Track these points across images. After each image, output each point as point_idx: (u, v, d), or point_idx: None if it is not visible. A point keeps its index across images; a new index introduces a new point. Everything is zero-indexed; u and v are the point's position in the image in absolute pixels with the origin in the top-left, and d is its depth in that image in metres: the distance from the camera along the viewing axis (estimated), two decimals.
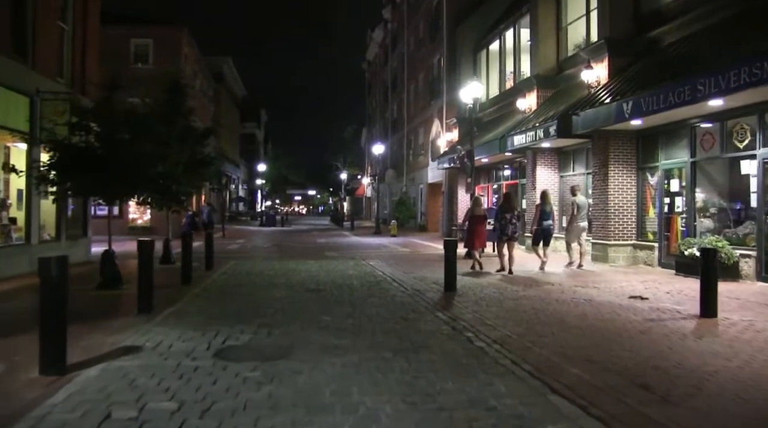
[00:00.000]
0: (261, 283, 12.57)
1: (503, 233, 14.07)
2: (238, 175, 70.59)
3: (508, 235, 14.02)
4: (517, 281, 12.64)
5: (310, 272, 14.80)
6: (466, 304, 9.53)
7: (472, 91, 18.37)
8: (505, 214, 14.14)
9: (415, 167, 40.86)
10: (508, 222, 14.04)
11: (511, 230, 14.03)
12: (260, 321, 8.16)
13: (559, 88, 19.82)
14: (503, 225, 14.07)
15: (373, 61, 64.45)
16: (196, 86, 38.82)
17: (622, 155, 15.73)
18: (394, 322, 8.19)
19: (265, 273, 14.67)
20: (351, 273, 14.61)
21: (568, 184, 19.75)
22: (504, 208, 14.35)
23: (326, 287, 11.99)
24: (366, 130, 72.46)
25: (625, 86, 14.33)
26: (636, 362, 6.04)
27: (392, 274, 14.07)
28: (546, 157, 20.01)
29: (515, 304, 9.60)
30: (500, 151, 20.99)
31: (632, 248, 15.69)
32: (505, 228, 14.03)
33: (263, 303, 9.87)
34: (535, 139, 17.83)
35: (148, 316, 8.49)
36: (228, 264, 16.88)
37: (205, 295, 10.84)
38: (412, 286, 11.86)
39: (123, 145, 11.00)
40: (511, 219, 14.09)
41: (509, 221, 14.05)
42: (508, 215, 14.11)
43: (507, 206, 14.33)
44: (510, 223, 14.04)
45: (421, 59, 38.44)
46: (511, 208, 14.27)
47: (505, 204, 14.49)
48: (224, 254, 21.24)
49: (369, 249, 23.28)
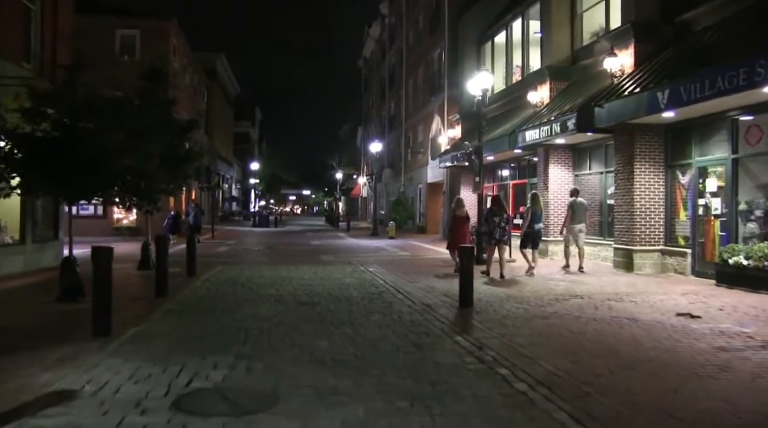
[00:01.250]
0: (247, 295, 11.01)
1: (492, 237, 13.58)
2: (231, 174, 69.00)
3: (496, 239, 13.55)
4: (539, 292, 11.12)
5: (303, 280, 13.25)
6: (490, 325, 7.99)
7: (480, 82, 16.84)
8: (494, 217, 13.63)
9: (413, 166, 39.33)
10: (497, 226, 13.53)
11: (499, 233, 13.54)
12: (240, 350, 6.60)
13: (574, 80, 18.31)
14: (492, 228, 13.58)
15: (369, 58, 62.90)
16: (186, 80, 37.24)
17: (648, 151, 14.22)
18: (406, 351, 6.64)
19: (253, 281, 13.12)
20: (349, 281, 13.07)
21: (583, 183, 18.30)
22: (493, 211, 13.81)
23: (321, 300, 10.44)
24: (362, 128, 70.92)
25: (656, 74, 12.83)
26: (739, 419, 4.52)
27: (395, 283, 12.53)
28: (560, 155, 18.50)
29: (547, 325, 8.06)
30: (509, 148, 19.48)
31: (660, 254, 14.18)
32: (494, 231, 13.54)
33: (247, 321, 8.32)
34: (549, 134, 16.32)
35: (103, 341, 6.92)
36: (213, 269, 15.32)
37: (180, 311, 9.26)
38: (420, 299, 10.32)
39: (85, 135, 9.42)
40: (500, 222, 13.58)
41: (498, 224, 13.54)
42: (497, 218, 13.59)
43: (496, 209, 13.80)
44: (499, 227, 13.54)
45: (421, 54, 36.91)
46: (500, 210, 13.76)
47: (494, 206, 13.96)
48: (211, 257, 19.70)
49: (367, 253, 21.74)
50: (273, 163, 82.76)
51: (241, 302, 10.14)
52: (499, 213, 13.70)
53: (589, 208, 16.34)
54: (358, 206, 77.98)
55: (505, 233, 13.70)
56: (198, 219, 25.46)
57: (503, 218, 13.71)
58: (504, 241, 13.64)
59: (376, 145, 37.93)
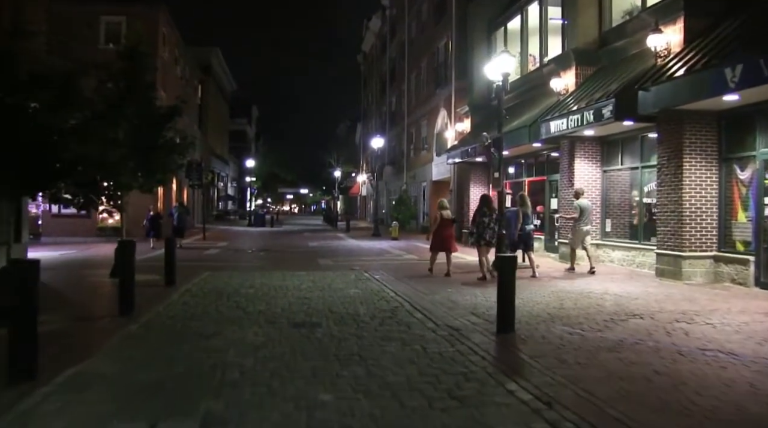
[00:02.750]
0: (232, 312, 9.06)
1: (481, 237, 13.01)
2: (227, 172, 67.10)
3: (485, 240, 12.97)
4: (584, 308, 9.18)
5: (299, 291, 11.31)
6: (546, 362, 6.05)
7: (501, 66, 14.89)
8: (483, 217, 13.10)
9: (416, 163, 37.39)
10: (486, 227, 13.02)
11: (489, 235, 12.96)
12: (209, 407, 4.67)
13: (602, 65, 16.39)
14: (480, 229, 13.04)
15: (369, 53, 60.96)
16: (177, 72, 35.28)
17: (699, 142, 12.31)
18: (443, 408, 4.71)
19: (242, 292, 11.17)
20: (353, 293, 11.13)
21: (613, 179, 16.42)
22: (481, 212, 13.26)
23: (322, 319, 8.52)
24: (361, 126, 69.05)
25: (716, 51, 10.91)
26: None
27: (408, 296, 10.59)
28: (586, 148, 16.58)
29: (621, 362, 6.12)
30: (529, 140, 17.56)
31: (713, 261, 12.26)
32: (483, 232, 13.00)
33: (226, 354, 6.38)
34: (579, 124, 14.38)
35: (19, 391, 4.98)
36: (197, 277, 13.38)
37: (143, 337, 7.32)
38: (443, 319, 8.39)
39: (25, 114, 7.47)
40: (489, 223, 13.02)
41: (487, 225, 13.02)
42: (486, 219, 13.05)
43: (485, 209, 13.24)
44: (488, 228, 12.99)
45: (425, 45, 34.97)
46: (488, 211, 13.18)
47: (483, 207, 13.37)
48: (199, 261, 17.79)
49: (370, 257, 19.80)
50: (270, 160, 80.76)
51: (224, 322, 8.20)
52: (488, 213, 13.12)
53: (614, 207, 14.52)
54: (356, 205, 76.12)
55: (494, 234, 12.97)
56: (183, 221, 22.67)
57: (493, 218, 13.07)
58: (493, 243, 12.96)
59: (377, 141, 35.91)
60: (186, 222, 23.05)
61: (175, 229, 21.31)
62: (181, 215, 22.51)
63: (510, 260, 7.61)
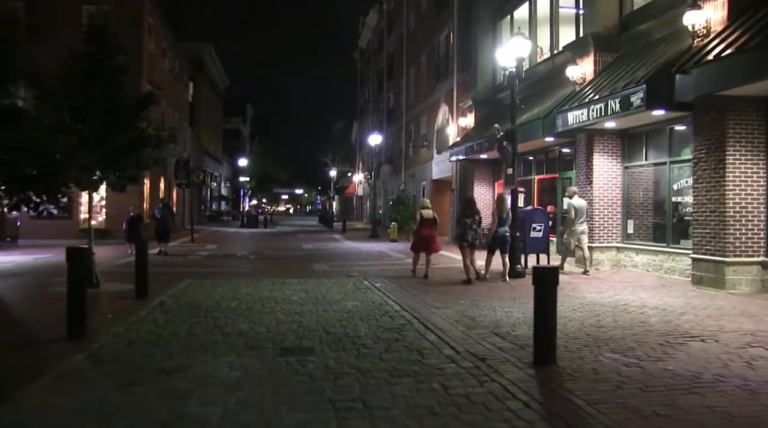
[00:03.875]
0: (206, 334, 7.54)
1: (463, 240, 12.73)
2: (220, 172, 65.62)
3: (468, 242, 12.67)
4: (625, 326, 7.70)
5: (290, 304, 9.80)
6: (611, 410, 4.54)
7: (514, 50, 13.44)
8: (465, 219, 12.84)
9: (415, 162, 35.88)
10: (468, 228, 12.71)
11: (471, 236, 12.70)
12: None
13: (624, 51, 14.90)
14: (462, 231, 12.76)
15: (365, 49, 59.42)
16: (164, 65, 33.70)
17: (745, 133, 10.84)
18: None
19: (223, 305, 9.66)
20: (352, 306, 9.62)
21: (635, 176, 14.99)
22: (464, 213, 13.06)
23: (315, 343, 7.01)
24: (357, 124, 67.59)
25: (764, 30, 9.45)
26: None
27: (416, 310, 9.10)
28: (606, 142, 15.09)
29: (714, 413, 4.59)
30: (543, 134, 16.06)
31: (761, 268, 10.79)
32: (465, 234, 12.71)
33: (188, 402, 4.87)
34: (602, 114, 12.89)
35: None
36: (176, 285, 11.88)
37: (83, 377, 5.76)
38: (463, 343, 6.89)
39: None
40: (471, 224, 12.75)
41: (469, 227, 12.73)
42: (468, 220, 12.78)
43: (467, 211, 13.01)
44: (470, 229, 12.70)
45: (424, 39, 33.47)
46: (471, 212, 12.92)
47: (466, 208, 13.20)
48: (181, 267, 16.27)
49: (369, 261, 18.29)
50: (264, 160, 79.18)
51: (194, 350, 6.67)
52: (471, 214, 12.84)
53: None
54: (353, 205, 74.62)
55: (477, 236, 12.82)
56: (166, 223, 19.89)
57: (475, 220, 12.84)
58: (475, 245, 12.77)
59: (375, 137, 34.44)
60: (170, 225, 20.47)
61: (158, 233, 19.50)
62: (165, 217, 19.93)
63: (550, 272, 6.09)
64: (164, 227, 19.56)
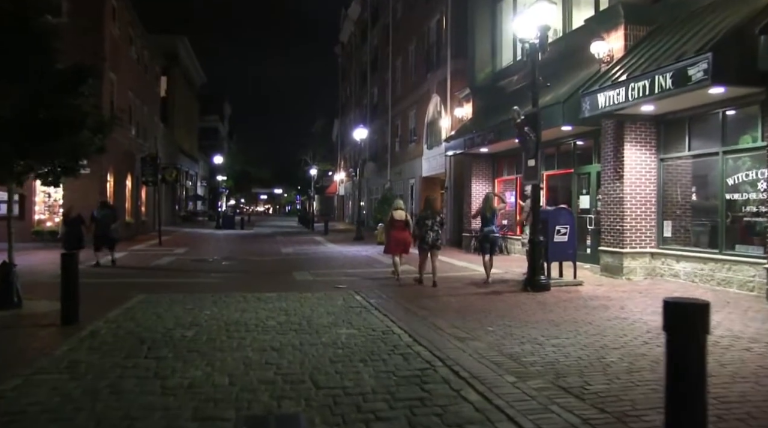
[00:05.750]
0: (135, 396, 5.09)
1: (423, 241, 12.33)
2: (197, 171, 62.77)
3: (429, 243, 12.26)
4: (728, 364, 5.44)
5: (265, 333, 7.42)
6: None
7: (537, 17, 11.16)
8: (425, 220, 12.45)
9: (403, 158, 33.54)
10: (429, 229, 12.27)
11: (432, 238, 12.27)
12: None
13: (659, 24, 12.71)
14: (423, 232, 12.33)
15: (347, 43, 56.99)
16: (132, 53, 31.00)
17: None
18: None
19: (175, 337, 7.24)
20: (346, 337, 7.25)
21: (674, 169, 12.87)
22: (424, 214, 12.72)
23: (300, 406, 4.67)
24: (338, 122, 65.13)
25: None
26: None
27: (434, 343, 6.78)
28: (638, 131, 12.90)
29: None
30: (563, 121, 13.78)
31: None
32: (426, 235, 12.27)
33: None
34: (646, 93, 10.63)
35: None
36: (122, 305, 9.45)
37: None
38: (526, 411, 4.54)
39: None
40: (433, 225, 12.33)
41: (430, 228, 12.29)
42: (429, 221, 12.36)
43: (427, 211, 12.65)
44: (431, 230, 12.27)
45: (413, 26, 31.17)
46: (431, 213, 12.55)
47: (426, 209, 12.84)
48: (138, 277, 13.88)
49: (357, 269, 15.93)
50: (242, 158, 76.42)
51: None
52: (431, 215, 12.44)
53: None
54: (333, 205, 72.18)
55: (438, 237, 12.38)
56: (106, 227, 15.71)
57: (436, 221, 12.40)
58: (437, 246, 12.34)
59: (360, 131, 32.02)
60: (115, 231, 16.44)
61: (97, 239, 15.59)
62: (105, 219, 15.76)
63: (696, 312, 3.70)
64: (103, 231, 15.63)
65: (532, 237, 11.38)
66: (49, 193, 24.25)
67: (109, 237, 15.82)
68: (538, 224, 11.45)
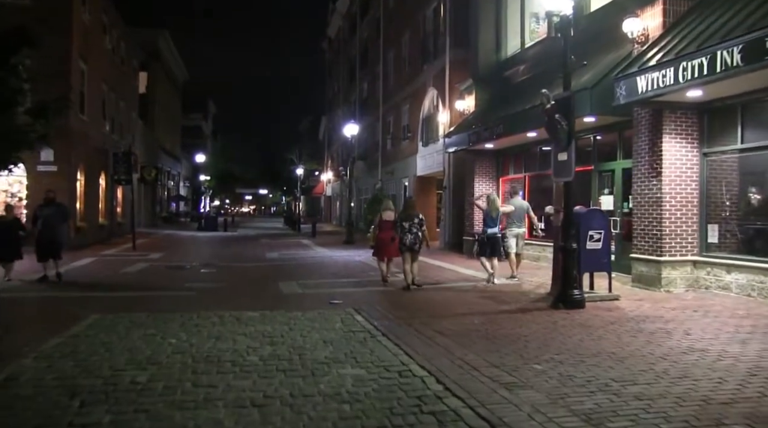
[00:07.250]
0: None
1: (401, 243, 12.14)
2: (179, 171, 60.52)
3: (406, 246, 12.07)
4: None
5: (243, 374, 5.58)
6: None
7: None
8: (402, 222, 12.28)
9: (395, 157, 31.72)
10: (407, 232, 12.12)
11: (409, 240, 12.08)
12: None
13: None
14: (401, 234, 12.17)
15: (335, 38, 55.13)
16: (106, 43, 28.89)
17: None
18: None
19: (123, 381, 5.38)
20: (353, 383, 5.41)
21: (719, 166, 11.24)
22: (402, 216, 12.55)
23: None
24: (326, 120, 63.26)
25: None
26: None
27: (477, 397, 4.96)
28: (678, 121, 11.20)
29: None
30: (590, 109, 11.99)
31: None
32: (403, 237, 12.12)
33: None
34: (705, 73, 8.90)
35: None
36: (67, 331, 7.57)
37: None
38: None
39: None
40: (411, 227, 12.15)
41: (408, 230, 12.14)
42: (407, 224, 12.20)
43: (406, 214, 12.51)
44: (409, 232, 12.11)
45: (406, 14, 29.39)
46: (410, 215, 12.36)
47: (404, 211, 12.78)
48: (98, 290, 11.96)
49: (351, 277, 14.16)
50: (226, 157, 74.21)
51: None
52: (410, 217, 12.30)
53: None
54: (320, 206, 70.26)
55: (416, 240, 12.19)
56: (52, 231, 12.68)
57: (414, 223, 12.22)
58: (415, 249, 12.18)
59: (350, 128, 30.18)
60: (58, 233, 12.97)
61: (40, 246, 12.54)
62: (49, 220, 12.72)
63: None
64: (48, 236, 12.60)
65: (565, 244, 9.61)
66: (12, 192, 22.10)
67: (57, 243, 12.76)
68: (572, 228, 9.68)
